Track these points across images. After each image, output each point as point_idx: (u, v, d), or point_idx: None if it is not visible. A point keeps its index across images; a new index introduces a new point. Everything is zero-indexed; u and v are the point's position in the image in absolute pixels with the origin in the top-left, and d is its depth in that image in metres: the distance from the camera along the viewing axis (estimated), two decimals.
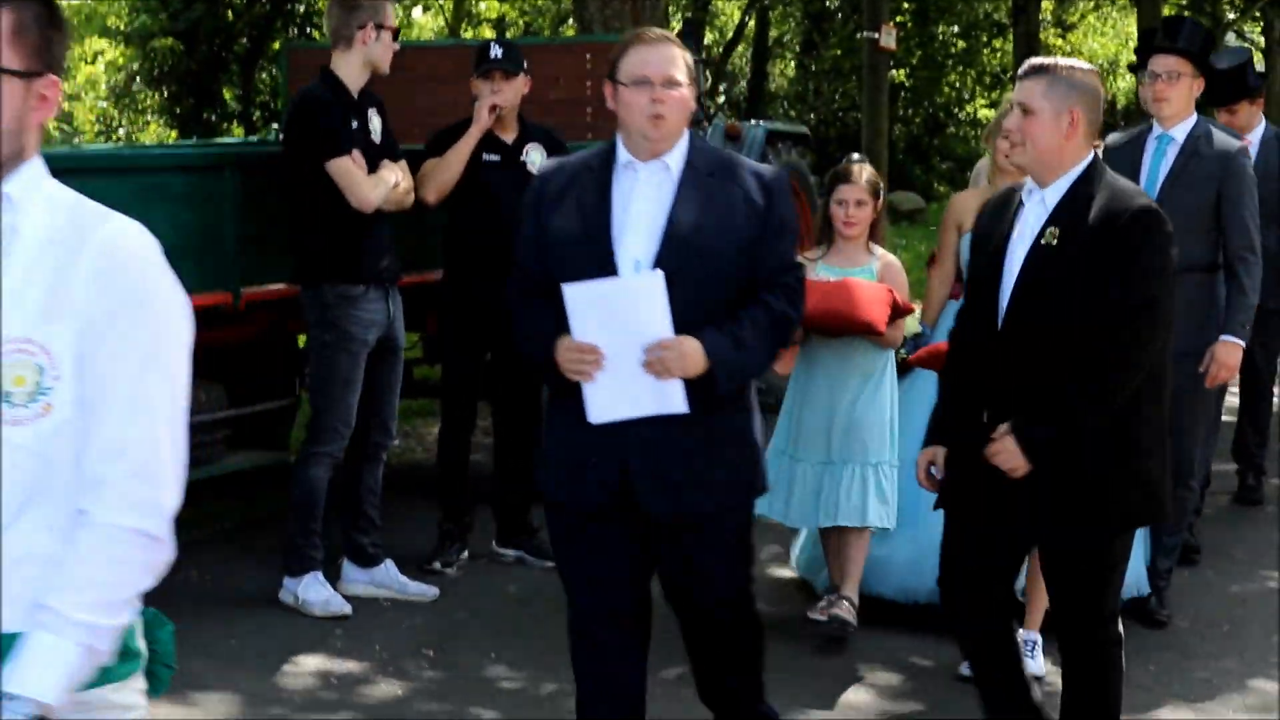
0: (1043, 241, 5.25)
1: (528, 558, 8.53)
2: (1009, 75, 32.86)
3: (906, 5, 36.16)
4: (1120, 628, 5.48)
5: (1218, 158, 7.47)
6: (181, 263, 7.56)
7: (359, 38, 7.63)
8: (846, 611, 7.24)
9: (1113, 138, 7.95)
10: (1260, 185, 8.48)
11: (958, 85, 38.05)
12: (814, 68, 35.70)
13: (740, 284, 5.04)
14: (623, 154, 5.10)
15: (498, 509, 8.63)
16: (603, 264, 4.96)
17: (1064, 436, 5.19)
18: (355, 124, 7.63)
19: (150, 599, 3.01)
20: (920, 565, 7.25)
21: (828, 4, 36.90)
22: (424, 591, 7.99)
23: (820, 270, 7.31)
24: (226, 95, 27.21)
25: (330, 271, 7.61)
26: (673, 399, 4.96)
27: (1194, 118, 7.60)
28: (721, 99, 17.11)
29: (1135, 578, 7.24)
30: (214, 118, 26.44)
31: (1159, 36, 7.67)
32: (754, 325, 5.01)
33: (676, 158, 5.07)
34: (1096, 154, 5.41)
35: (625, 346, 4.92)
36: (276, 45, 25.17)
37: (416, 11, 33.16)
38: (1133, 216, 5.16)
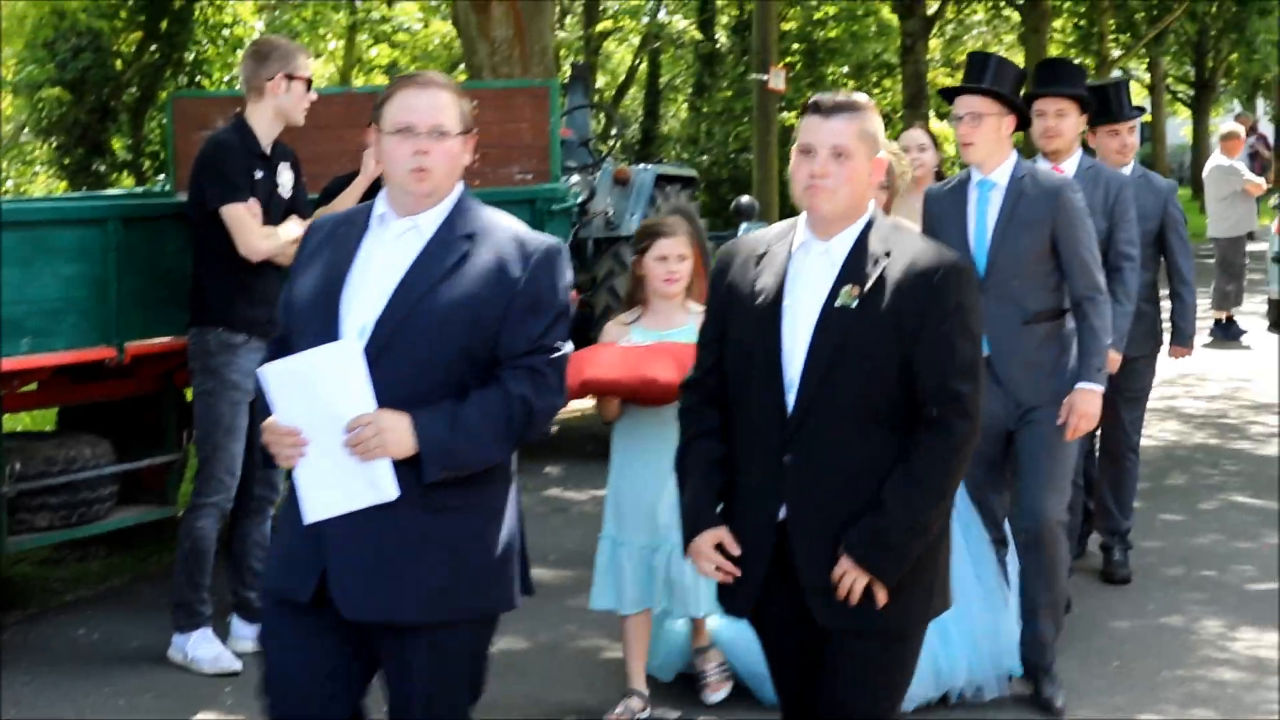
0: (838, 303, 4.59)
1: None
2: (899, 115, 33.11)
3: (796, 47, 36.40)
4: None
5: (1045, 196, 6.95)
6: (65, 317, 7.66)
7: (269, 88, 7.62)
8: (717, 688, 7.11)
9: (934, 187, 7.54)
10: (1127, 225, 8.38)
11: None
12: (705, 110, 35.84)
13: (479, 362, 4.48)
14: (379, 206, 4.63)
15: None
16: (327, 328, 4.46)
17: (913, 541, 4.57)
18: (261, 174, 7.61)
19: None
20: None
21: (718, 47, 37.08)
22: None
23: (635, 334, 6.90)
24: (116, 145, 26.99)
25: (215, 318, 7.58)
26: (382, 485, 4.39)
27: (1013, 158, 7.06)
28: (614, 142, 17.10)
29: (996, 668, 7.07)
30: (103, 168, 26.22)
31: (964, 76, 7.21)
32: (481, 408, 4.43)
33: (433, 216, 4.57)
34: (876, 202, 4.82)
35: (330, 428, 4.40)
36: (165, 95, 25.01)
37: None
38: (947, 272, 4.59)
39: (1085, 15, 38.81)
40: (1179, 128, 55.97)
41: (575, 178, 12.82)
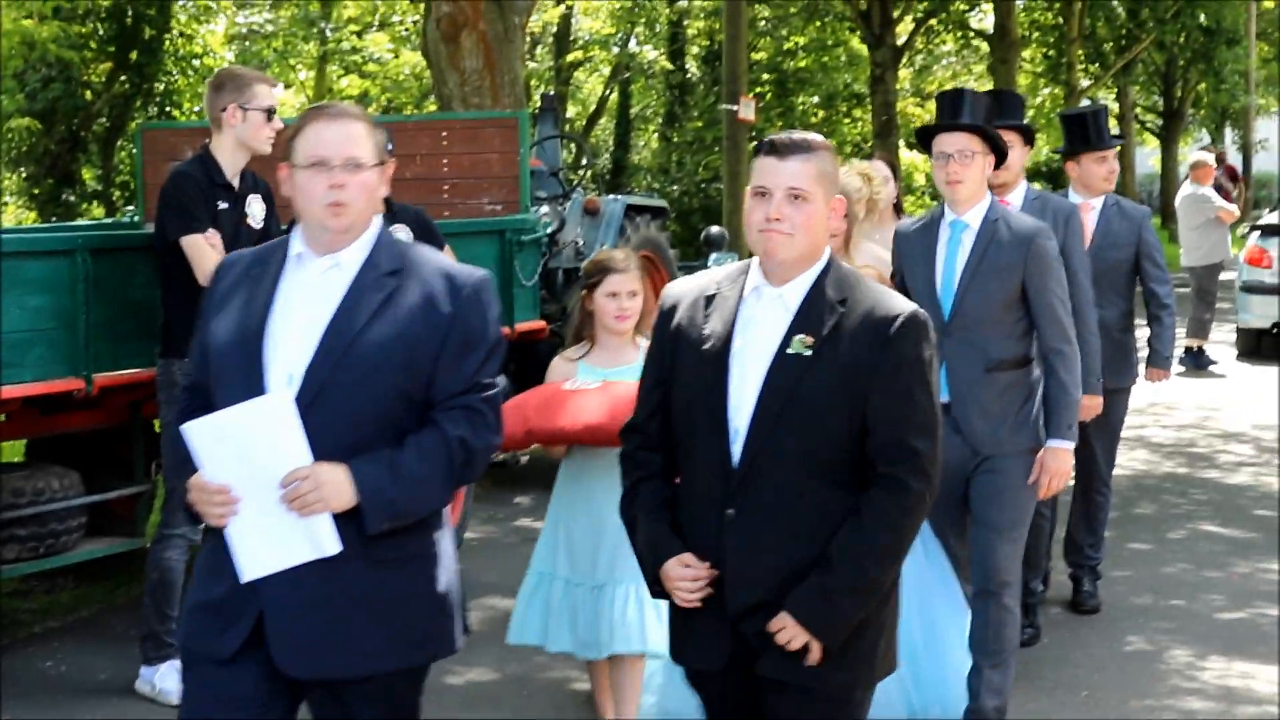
0: (790, 351, 4.38)
1: None
2: (869, 144, 33.21)
3: (766, 77, 36.53)
4: None
5: (1017, 242, 6.69)
6: (33, 349, 7.63)
7: (224, 119, 7.61)
8: None
9: (904, 224, 7.32)
10: (1102, 254, 8.36)
11: None
12: (676, 140, 35.91)
13: (414, 404, 4.32)
14: (296, 245, 4.42)
15: None
16: (251, 376, 4.28)
17: (859, 602, 4.38)
18: (225, 205, 7.59)
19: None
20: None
21: (689, 77, 37.17)
22: None
23: (582, 372, 6.67)
24: (86, 175, 26.99)
25: (180, 348, 7.55)
26: (322, 540, 4.23)
27: (987, 200, 6.81)
28: (584, 172, 17.14)
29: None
30: (73, 198, 26.20)
31: (941, 113, 6.91)
32: (420, 453, 4.27)
33: (355, 253, 4.39)
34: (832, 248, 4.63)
35: (264, 484, 4.22)
36: (134, 125, 25.02)
37: (278, 90, 33.10)
38: (905, 323, 4.38)
39: (1054, 45, 39.02)
40: (1147, 157, 56.22)
41: (545, 208, 12.82)
